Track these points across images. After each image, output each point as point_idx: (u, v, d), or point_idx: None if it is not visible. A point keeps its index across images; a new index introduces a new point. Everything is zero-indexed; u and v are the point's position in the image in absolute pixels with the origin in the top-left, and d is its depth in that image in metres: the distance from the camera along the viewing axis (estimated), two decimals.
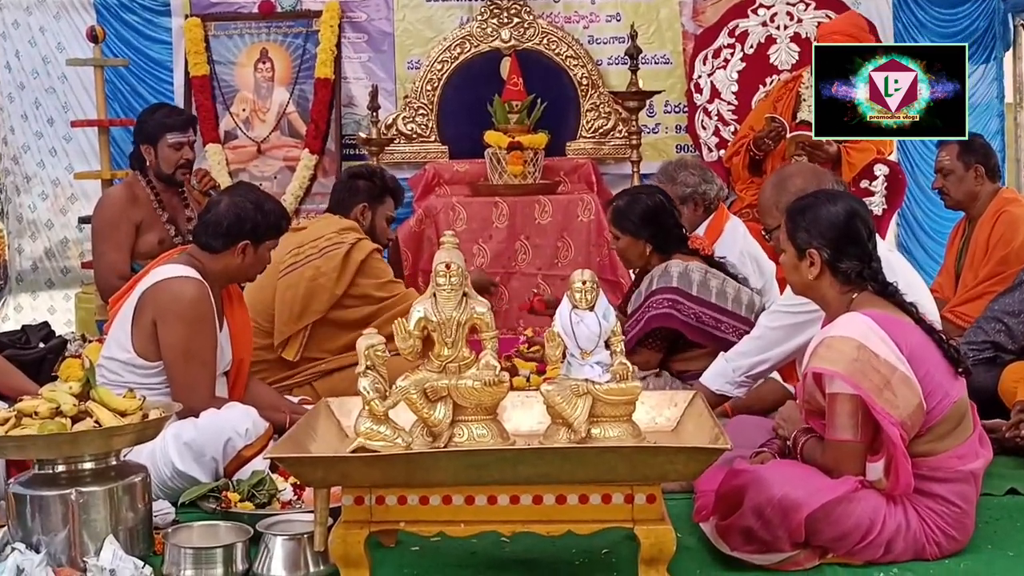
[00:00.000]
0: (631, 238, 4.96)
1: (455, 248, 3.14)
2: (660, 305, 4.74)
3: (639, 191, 5.12)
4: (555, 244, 6.72)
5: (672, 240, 4.90)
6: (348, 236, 4.97)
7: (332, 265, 4.88)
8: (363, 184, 5.19)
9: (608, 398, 3.07)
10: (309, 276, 4.87)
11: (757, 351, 4.17)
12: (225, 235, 4.15)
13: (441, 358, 3.11)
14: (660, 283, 4.79)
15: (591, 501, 2.98)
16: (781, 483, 3.15)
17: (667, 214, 4.92)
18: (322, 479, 3.00)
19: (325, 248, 4.91)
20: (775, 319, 4.14)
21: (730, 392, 4.22)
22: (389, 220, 5.27)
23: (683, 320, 4.68)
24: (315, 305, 4.88)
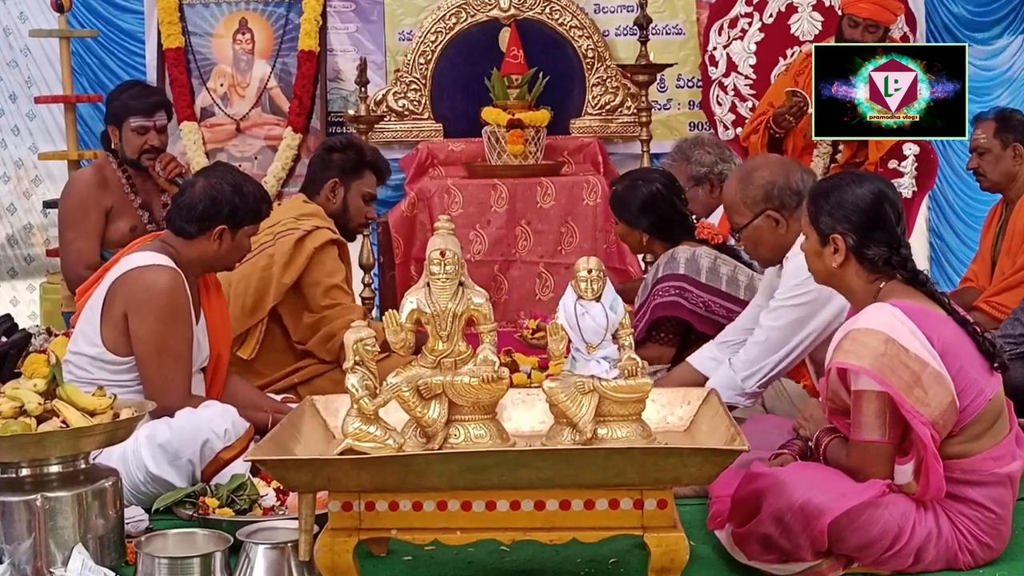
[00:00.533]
0: (626, 227, 4.99)
1: (450, 234, 3.14)
2: (666, 293, 4.75)
3: (638, 177, 5.14)
4: (558, 230, 6.71)
5: (674, 230, 4.92)
6: (305, 223, 4.89)
7: (282, 251, 4.81)
8: (337, 156, 5.13)
9: (616, 396, 3.08)
10: (262, 266, 4.80)
11: (764, 355, 4.15)
12: (200, 219, 4.15)
13: (435, 353, 3.12)
14: (666, 270, 4.80)
15: (597, 507, 2.98)
16: (802, 487, 3.15)
17: (666, 203, 4.93)
18: (307, 483, 3.00)
19: (280, 234, 4.84)
20: (777, 317, 4.13)
21: (740, 404, 4.21)
22: (367, 198, 5.16)
23: (690, 309, 4.69)
24: (266, 299, 4.82)
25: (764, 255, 4.20)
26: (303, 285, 4.84)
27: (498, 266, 6.64)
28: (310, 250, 4.82)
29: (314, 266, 4.84)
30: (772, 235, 4.11)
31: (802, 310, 4.07)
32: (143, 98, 5.61)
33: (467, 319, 3.12)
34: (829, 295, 3.96)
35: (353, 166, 5.11)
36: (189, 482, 3.90)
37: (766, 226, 4.10)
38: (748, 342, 4.20)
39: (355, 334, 3.06)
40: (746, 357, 4.16)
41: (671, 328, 4.80)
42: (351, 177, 5.10)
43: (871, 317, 3.23)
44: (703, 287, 4.71)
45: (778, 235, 4.10)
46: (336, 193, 5.08)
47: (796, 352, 4.14)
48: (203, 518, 3.65)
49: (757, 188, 4.08)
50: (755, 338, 4.18)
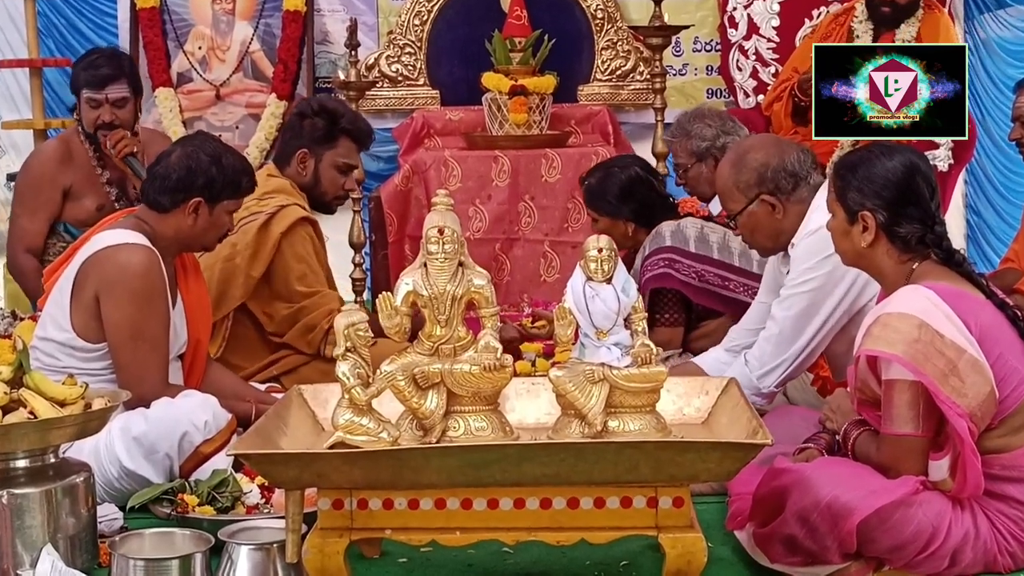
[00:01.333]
0: (610, 219, 5.05)
1: (448, 210, 3.14)
2: (654, 267, 4.79)
3: (611, 165, 5.23)
4: (565, 206, 6.72)
5: (657, 213, 4.99)
6: (269, 203, 4.81)
7: (246, 241, 4.72)
8: (307, 123, 5.00)
9: (628, 385, 3.08)
10: (225, 255, 4.71)
11: (780, 350, 4.12)
12: (174, 190, 4.15)
13: (433, 338, 3.12)
14: (652, 246, 4.87)
15: (608, 505, 2.99)
16: (829, 484, 3.16)
17: (646, 186, 5.04)
18: (295, 479, 3.01)
19: (242, 220, 4.71)
20: (789, 305, 4.11)
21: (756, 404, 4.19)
22: (343, 168, 5.03)
23: (682, 280, 4.74)
24: (231, 291, 4.75)
25: (762, 242, 4.19)
26: (274, 273, 4.78)
27: (500, 245, 6.64)
28: (276, 236, 4.75)
29: (283, 253, 4.77)
30: (769, 221, 4.10)
31: (816, 295, 4.07)
32: (93, 69, 5.53)
33: (467, 302, 3.13)
34: (841, 274, 3.96)
35: (324, 134, 4.99)
36: (166, 478, 3.91)
37: (762, 211, 4.10)
38: (761, 337, 4.18)
39: (346, 318, 3.06)
40: (760, 353, 4.15)
41: (671, 306, 4.84)
42: (322, 146, 4.99)
43: (903, 300, 3.23)
44: (693, 256, 4.76)
45: (775, 220, 4.10)
46: (305, 165, 4.98)
47: (815, 342, 4.13)
48: (182, 517, 3.66)
49: (750, 171, 4.08)
50: (768, 332, 4.17)
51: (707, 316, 4.89)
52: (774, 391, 4.20)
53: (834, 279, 4.02)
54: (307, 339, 4.78)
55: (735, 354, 4.33)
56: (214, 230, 4.24)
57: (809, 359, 4.19)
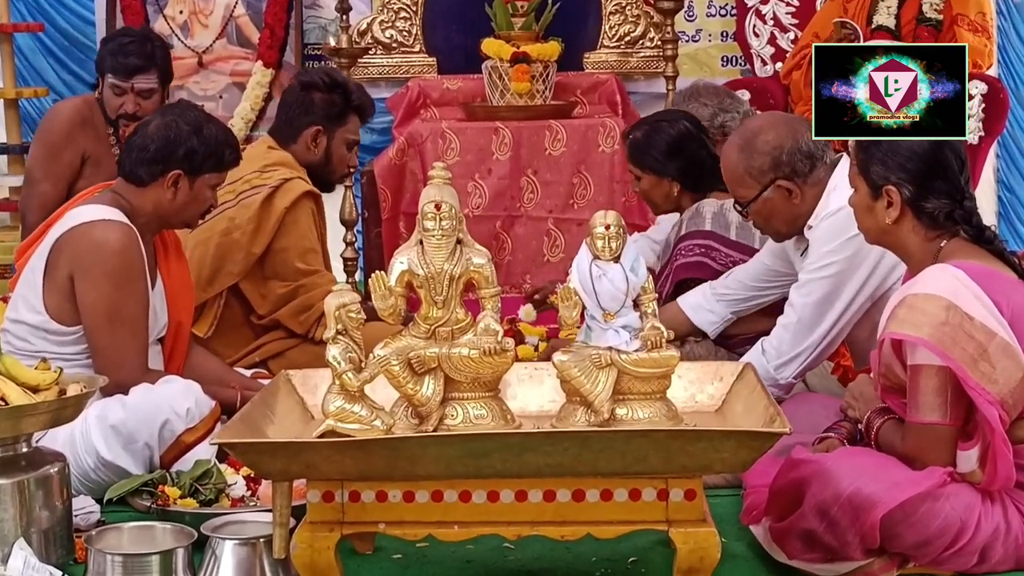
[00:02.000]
0: (654, 176, 4.98)
1: (446, 184, 3.14)
2: (690, 252, 4.76)
3: (660, 118, 5.14)
4: (570, 181, 6.71)
5: (706, 175, 4.91)
6: (272, 176, 4.82)
7: (247, 215, 4.74)
8: (319, 98, 5.00)
9: (637, 371, 3.08)
10: (222, 229, 4.74)
11: (799, 338, 4.13)
12: (151, 162, 4.14)
13: (430, 321, 3.12)
14: (690, 227, 4.80)
15: (616, 498, 3.00)
16: (851, 476, 3.16)
17: (696, 144, 4.95)
18: (282, 470, 3.01)
19: (243, 193, 4.76)
20: (809, 291, 4.11)
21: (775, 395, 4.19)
22: (351, 145, 5.09)
23: (718, 270, 4.70)
24: (228, 267, 4.76)
25: (778, 229, 4.18)
26: (272, 251, 4.79)
27: (501, 222, 6.64)
28: (280, 210, 4.76)
29: (287, 228, 4.78)
30: (786, 206, 4.09)
31: (837, 280, 4.06)
32: (123, 56, 5.52)
33: (466, 282, 3.13)
34: (863, 257, 3.96)
35: (340, 111, 5.01)
36: (146, 468, 3.92)
37: (778, 197, 4.08)
38: (778, 324, 4.18)
39: (337, 299, 3.06)
40: (777, 342, 4.14)
41: None
42: (336, 123, 5.00)
43: (930, 280, 3.23)
44: (733, 245, 4.71)
45: (792, 205, 4.08)
46: (318, 142, 4.98)
47: (836, 330, 4.13)
48: (162, 510, 3.66)
49: (763, 156, 4.06)
50: (786, 319, 4.17)
51: None
52: (792, 382, 4.20)
53: (856, 262, 4.01)
54: (300, 319, 4.78)
55: (719, 301, 4.45)
56: (195, 205, 4.23)
57: (830, 348, 4.19)
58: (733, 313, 4.55)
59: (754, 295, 4.51)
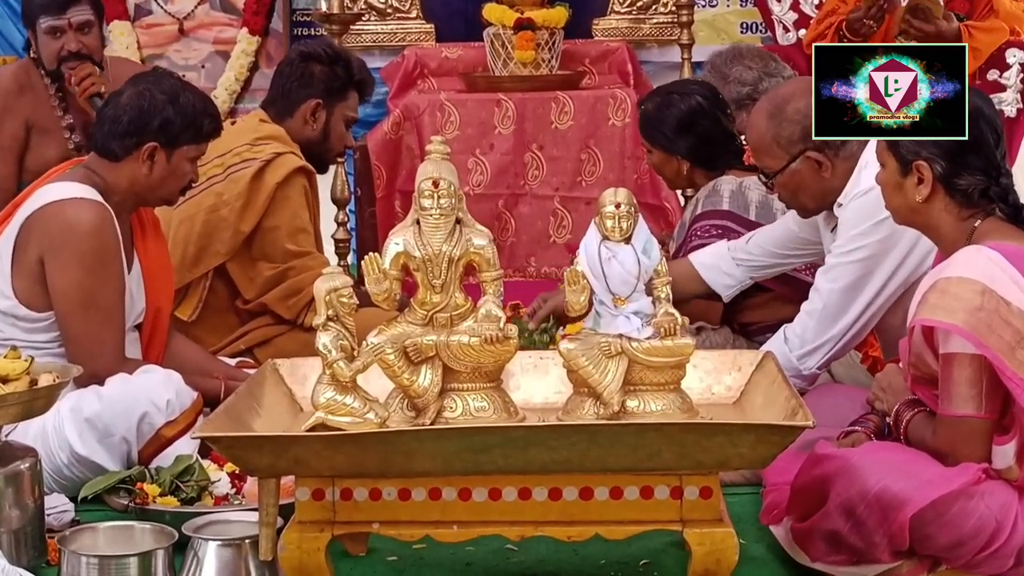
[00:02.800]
0: (663, 153, 4.99)
1: (445, 160, 3.14)
2: (706, 234, 4.76)
3: (673, 90, 5.14)
4: (578, 156, 6.71)
5: (719, 154, 4.92)
6: (263, 149, 4.84)
7: (236, 191, 4.77)
8: (320, 71, 5.04)
9: (649, 360, 3.09)
10: (209, 205, 4.77)
11: (824, 326, 4.13)
12: (125, 134, 4.14)
13: (427, 306, 3.12)
14: (706, 206, 4.81)
15: (626, 496, 3.00)
16: (879, 472, 3.16)
17: (709, 120, 4.95)
18: (269, 466, 3.02)
19: (232, 167, 4.79)
20: (835, 277, 4.10)
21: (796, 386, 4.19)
22: (349, 122, 5.15)
23: None
24: (214, 246, 4.79)
25: (805, 204, 4.17)
26: (262, 229, 4.82)
27: (503, 201, 6.64)
28: (271, 186, 4.78)
29: (277, 205, 4.80)
30: (815, 180, 4.09)
31: (867, 265, 4.06)
32: None
33: (466, 265, 3.13)
34: (896, 240, 3.96)
35: (341, 85, 5.05)
36: (123, 465, 3.93)
37: (807, 170, 4.07)
38: (802, 311, 4.18)
39: (328, 283, 3.07)
40: (801, 330, 4.14)
41: None
42: (336, 98, 5.05)
43: (964, 263, 3.23)
44: (752, 225, 4.71)
45: (822, 179, 4.08)
46: (317, 117, 5.02)
47: (864, 318, 4.12)
48: (141, 508, 3.67)
49: (792, 124, 4.05)
50: (811, 306, 4.16)
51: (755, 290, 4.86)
52: (816, 373, 4.20)
53: (887, 246, 4.01)
54: (288, 304, 4.79)
55: (736, 265, 4.48)
56: (173, 180, 4.23)
57: (857, 337, 4.19)
58: (751, 278, 4.56)
59: (776, 262, 4.51)
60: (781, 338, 4.18)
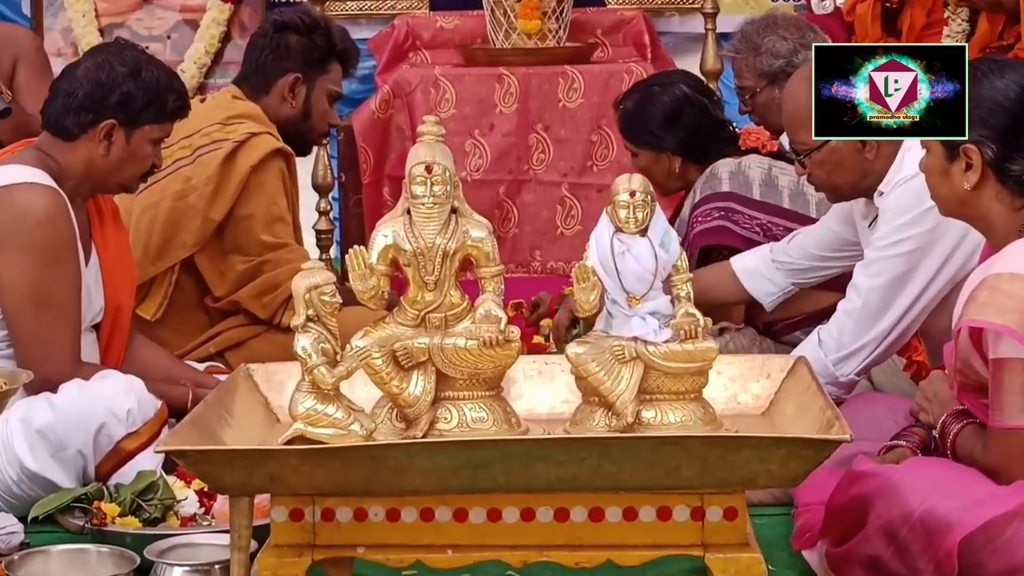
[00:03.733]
0: (651, 152, 5.04)
1: (439, 142, 3.14)
2: (708, 218, 4.79)
3: (653, 83, 5.24)
4: (588, 138, 6.71)
5: (711, 144, 4.97)
6: (236, 129, 4.86)
7: (205, 175, 4.78)
8: (297, 42, 5.05)
9: (668, 365, 3.09)
10: (175, 191, 4.79)
11: (863, 328, 4.13)
12: (80, 109, 4.14)
13: (418, 305, 3.12)
14: (704, 191, 4.86)
15: (641, 517, 3.01)
16: (923, 492, 3.16)
17: (697, 110, 5.03)
18: (242, 483, 3.02)
19: (200, 149, 4.80)
20: (876, 272, 4.11)
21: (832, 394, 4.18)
22: (333, 98, 5.16)
23: (742, 235, 4.74)
24: (182, 236, 4.80)
25: (838, 186, 4.17)
26: (234, 218, 4.82)
27: (505, 188, 6.64)
28: (244, 170, 4.79)
29: (252, 191, 4.81)
30: (855, 160, 4.08)
31: (912, 259, 4.06)
32: None
33: (462, 260, 3.13)
34: (944, 231, 3.96)
35: (321, 56, 5.06)
36: (79, 481, 3.93)
37: (847, 148, 4.07)
38: (839, 310, 4.18)
39: (308, 279, 3.06)
40: (838, 332, 4.15)
41: None
42: (316, 71, 5.06)
43: (1016, 257, 3.23)
44: (757, 205, 4.75)
45: (863, 160, 4.08)
46: (296, 93, 5.04)
47: (907, 319, 4.13)
48: (98, 530, 3.67)
49: None
50: (848, 304, 4.18)
51: None
52: (854, 380, 4.21)
53: (934, 238, 4.01)
54: (263, 301, 4.79)
55: (777, 269, 4.47)
56: (133, 163, 4.23)
57: (900, 340, 4.19)
58: (794, 284, 4.57)
59: (818, 265, 4.53)
60: (815, 341, 4.19)
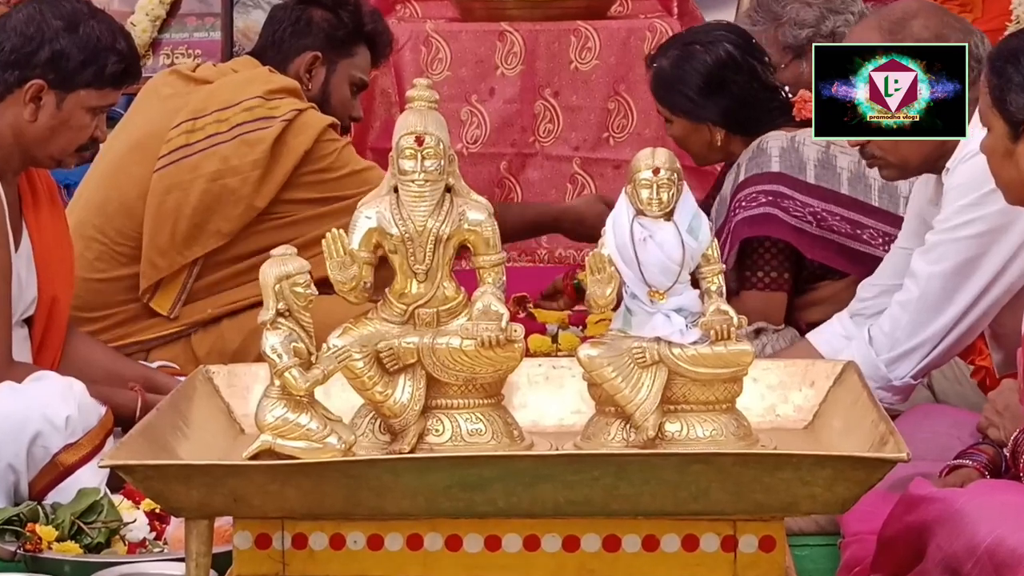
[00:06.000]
0: (687, 121, 5.02)
1: (431, 109, 3.14)
2: (752, 203, 4.78)
3: (691, 40, 5.19)
4: (604, 106, 6.73)
5: (760, 115, 4.95)
6: (279, 106, 4.93)
7: (252, 158, 4.86)
8: (321, 17, 5.17)
9: (695, 371, 3.09)
10: (210, 172, 4.86)
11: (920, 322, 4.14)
12: (5, 66, 4.17)
13: (407, 299, 3.13)
14: (751, 169, 4.84)
15: (663, 547, 3.01)
16: (992, 520, 3.17)
17: (744, 74, 5.02)
18: (200, 504, 3.02)
19: (242, 126, 4.88)
20: (938, 256, 4.11)
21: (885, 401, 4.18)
22: (357, 87, 5.25)
23: (794, 225, 4.73)
24: (216, 223, 4.88)
25: (907, 158, 4.17)
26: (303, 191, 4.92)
27: (507, 162, 6.66)
28: (299, 151, 4.89)
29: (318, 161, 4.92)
30: None
31: (979, 243, 4.06)
32: None
33: (458, 246, 3.13)
34: (1016, 213, 3.97)
35: (346, 36, 5.17)
36: (10, 501, 3.94)
37: None
38: (894, 302, 4.18)
39: (278, 267, 3.06)
40: (891, 327, 4.16)
41: (774, 261, 4.82)
42: (339, 52, 5.17)
43: None
44: (811, 190, 4.75)
45: None
46: (314, 74, 5.15)
47: (974, 314, 4.13)
48: (33, 556, 3.68)
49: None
50: (905, 295, 4.18)
51: (824, 275, 4.88)
52: (911, 383, 4.21)
53: (1006, 219, 4.02)
54: None
55: (853, 321, 4.38)
56: (67, 133, 4.22)
57: (964, 339, 4.19)
58: None
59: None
60: (864, 338, 4.19)
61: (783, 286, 4.83)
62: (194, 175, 4.85)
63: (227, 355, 4.67)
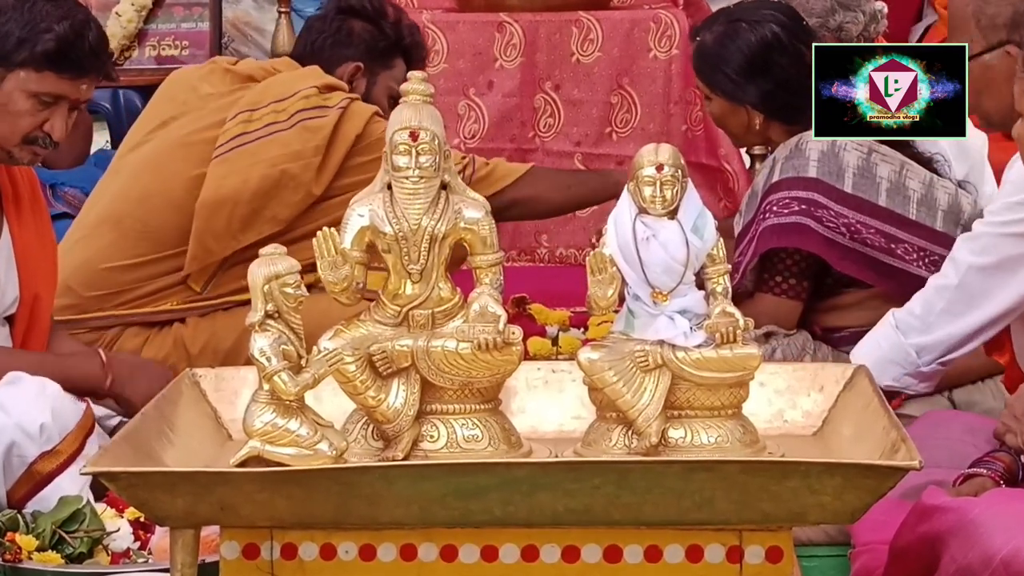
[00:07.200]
0: (726, 101, 4.99)
1: (426, 103, 3.15)
2: (784, 209, 4.75)
3: (738, 17, 5.16)
4: (607, 100, 6.73)
5: (804, 102, 4.92)
6: (332, 98, 5.07)
7: (314, 143, 4.99)
8: (362, 28, 5.29)
9: (700, 375, 3.09)
10: (270, 158, 4.98)
11: (955, 313, 4.14)
12: None
13: (400, 300, 3.13)
14: (786, 171, 4.81)
15: (667, 558, 3.01)
16: (1009, 530, 3.17)
17: (789, 57, 4.98)
18: (186, 513, 3.02)
19: (301, 114, 5.01)
20: (981, 246, 4.11)
21: (911, 388, 4.19)
22: (394, 98, 5.25)
23: (825, 236, 4.71)
24: (274, 208, 5.00)
25: (988, 112, 4.15)
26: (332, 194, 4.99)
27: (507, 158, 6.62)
28: (350, 136, 5.01)
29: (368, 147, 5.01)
30: (1007, 85, 4.07)
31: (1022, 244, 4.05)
32: None
33: (454, 245, 3.14)
34: None
35: (387, 47, 5.31)
36: None
37: (1002, 68, 4.05)
38: (928, 284, 4.18)
39: (266, 267, 3.06)
40: (923, 309, 4.17)
41: (795, 270, 4.81)
42: (379, 64, 5.31)
43: None
44: (847, 200, 4.72)
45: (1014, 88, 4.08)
46: (356, 85, 5.25)
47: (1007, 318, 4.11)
48: (12, 567, 3.68)
49: (1005, 4, 4.05)
50: (941, 279, 4.19)
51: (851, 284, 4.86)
52: (938, 369, 4.21)
53: None
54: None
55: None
56: (5, 118, 4.20)
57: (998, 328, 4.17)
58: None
59: None
60: (889, 323, 4.18)
61: (800, 295, 4.81)
62: (253, 160, 4.99)
63: (220, 353, 4.75)
